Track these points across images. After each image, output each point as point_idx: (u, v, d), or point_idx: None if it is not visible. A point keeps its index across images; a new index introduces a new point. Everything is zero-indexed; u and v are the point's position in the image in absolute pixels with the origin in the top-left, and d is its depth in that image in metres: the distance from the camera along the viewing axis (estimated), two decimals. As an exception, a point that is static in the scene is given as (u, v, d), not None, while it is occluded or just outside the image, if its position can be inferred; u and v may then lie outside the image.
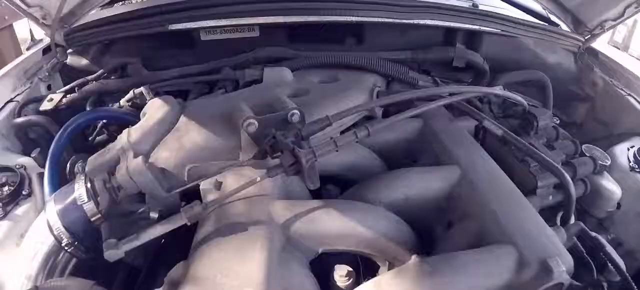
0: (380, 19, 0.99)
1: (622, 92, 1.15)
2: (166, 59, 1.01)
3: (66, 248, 0.56)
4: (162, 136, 0.63)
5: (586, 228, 0.59)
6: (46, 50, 1.16)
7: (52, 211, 0.57)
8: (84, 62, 1.05)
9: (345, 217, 0.53)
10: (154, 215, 0.53)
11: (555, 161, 0.63)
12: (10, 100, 0.99)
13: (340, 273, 0.50)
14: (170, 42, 1.02)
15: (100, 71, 0.97)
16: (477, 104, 0.88)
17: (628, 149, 0.96)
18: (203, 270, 0.47)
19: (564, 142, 0.81)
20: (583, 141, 0.99)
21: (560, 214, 0.68)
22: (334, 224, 0.53)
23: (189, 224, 0.51)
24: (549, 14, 1.32)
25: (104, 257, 0.50)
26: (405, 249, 0.54)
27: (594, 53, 1.27)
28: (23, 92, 1.04)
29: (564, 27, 1.27)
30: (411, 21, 1.00)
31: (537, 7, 1.34)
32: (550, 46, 1.16)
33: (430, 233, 0.61)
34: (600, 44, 1.33)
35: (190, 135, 0.62)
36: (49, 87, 1.09)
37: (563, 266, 0.45)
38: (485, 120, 0.70)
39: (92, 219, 0.57)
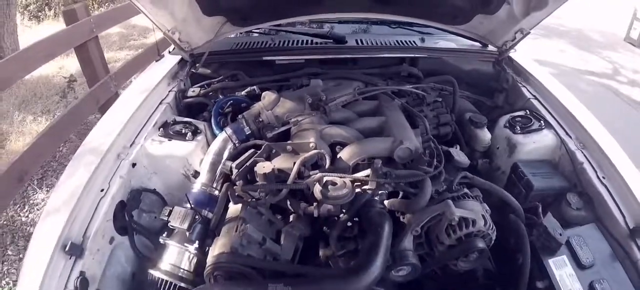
0: (365, 55, 2.07)
1: (520, 85, 2.07)
2: (257, 71, 2.05)
3: (236, 145, 1.57)
4: (274, 104, 1.64)
5: (433, 138, 1.54)
6: (180, 61, 2.18)
7: (230, 131, 1.57)
8: (207, 71, 2.09)
9: (340, 130, 1.52)
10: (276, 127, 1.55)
11: (427, 115, 1.64)
12: (170, 91, 2.00)
13: (339, 147, 1.47)
14: (260, 63, 2.07)
15: (221, 77, 2.00)
16: (409, 92, 1.86)
17: (509, 117, 1.86)
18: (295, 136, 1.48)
19: (442, 108, 1.80)
20: (498, 116, 1.89)
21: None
22: (336, 132, 1.51)
23: (293, 127, 1.54)
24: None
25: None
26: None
27: (510, 60, 2.23)
28: (173, 87, 2.05)
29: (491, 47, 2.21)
30: (380, 55, 2.08)
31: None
32: (466, 60, 2.18)
33: None
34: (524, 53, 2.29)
35: (286, 104, 1.63)
36: (184, 84, 2.10)
37: (409, 143, 1.39)
38: (395, 99, 1.72)
39: (247, 134, 1.57)
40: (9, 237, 3.06)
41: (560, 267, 1.34)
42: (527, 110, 1.89)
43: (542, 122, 1.81)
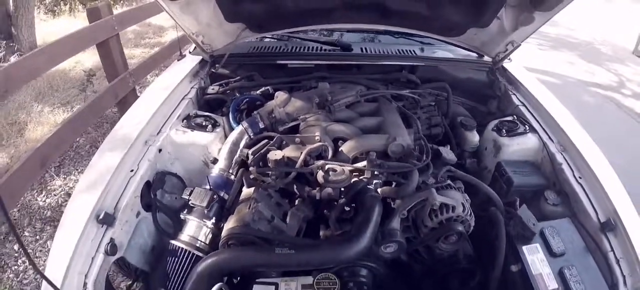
0: (368, 62, 2.31)
1: (510, 93, 2.26)
2: (271, 73, 2.32)
3: (251, 137, 1.82)
4: (286, 103, 1.88)
5: (423, 137, 1.77)
6: (200, 61, 2.45)
7: (246, 125, 1.83)
8: (226, 71, 2.35)
9: (342, 127, 1.75)
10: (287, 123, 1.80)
11: (420, 117, 1.88)
12: (192, 88, 2.26)
13: (341, 142, 1.71)
14: (274, 66, 2.33)
15: (238, 77, 2.27)
16: (406, 96, 2.11)
17: (497, 121, 2.04)
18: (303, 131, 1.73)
19: (434, 112, 2.03)
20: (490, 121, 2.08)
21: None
22: (339, 128, 1.74)
23: (301, 123, 1.80)
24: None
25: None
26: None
27: (504, 69, 2.44)
28: (195, 84, 2.31)
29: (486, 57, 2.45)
30: (381, 63, 2.32)
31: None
32: (461, 68, 2.42)
33: None
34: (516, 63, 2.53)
35: (296, 103, 1.88)
36: (204, 83, 2.36)
37: (402, 140, 1.62)
38: (392, 101, 1.96)
39: (261, 127, 1.83)
40: (26, 220, 3.33)
41: (533, 253, 1.53)
42: (515, 116, 2.11)
43: (527, 126, 2.02)
